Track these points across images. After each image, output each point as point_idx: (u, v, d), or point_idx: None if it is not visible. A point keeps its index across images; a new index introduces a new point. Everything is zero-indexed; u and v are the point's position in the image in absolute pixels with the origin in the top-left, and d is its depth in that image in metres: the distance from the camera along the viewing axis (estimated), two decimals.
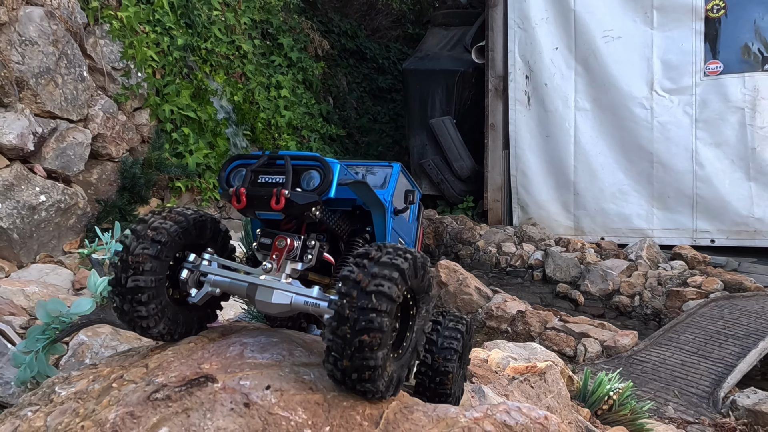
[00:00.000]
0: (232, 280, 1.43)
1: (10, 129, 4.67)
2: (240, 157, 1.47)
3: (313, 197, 1.37)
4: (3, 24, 4.72)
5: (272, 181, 1.39)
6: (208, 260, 1.47)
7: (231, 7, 6.74)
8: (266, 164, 1.41)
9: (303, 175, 1.41)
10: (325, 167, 1.39)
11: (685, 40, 7.22)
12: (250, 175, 1.41)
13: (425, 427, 1.06)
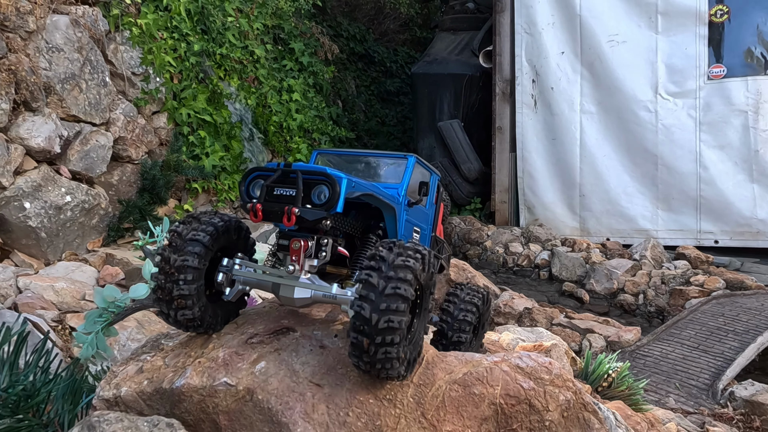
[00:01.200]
0: (259, 279, 1.61)
1: (39, 132, 4.98)
2: (257, 169, 1.58)
3: (321, 213, 1.48)
4: (31, 32, 5.05)
5: (286, 194, 1.50)
6: (239, 264, 1.63)
7: (244, 13, 7.06)
8: (281, 177, 1.52)
9: (314, 188, 1.50)
10: (332, 183, 1.48)
11: (689, 44, 7.49)
12: (265, 189, 1.52)
13: (456, 366, 1.36)
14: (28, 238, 4.99)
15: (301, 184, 1.48)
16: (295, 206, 1.45)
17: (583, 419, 1.42)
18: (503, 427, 1.33)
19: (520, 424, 1.34)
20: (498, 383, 1.32)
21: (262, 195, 1.52)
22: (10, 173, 4.83)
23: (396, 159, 1.90)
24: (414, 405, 1.30)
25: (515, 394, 1.34)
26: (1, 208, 4.82)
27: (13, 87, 4.81)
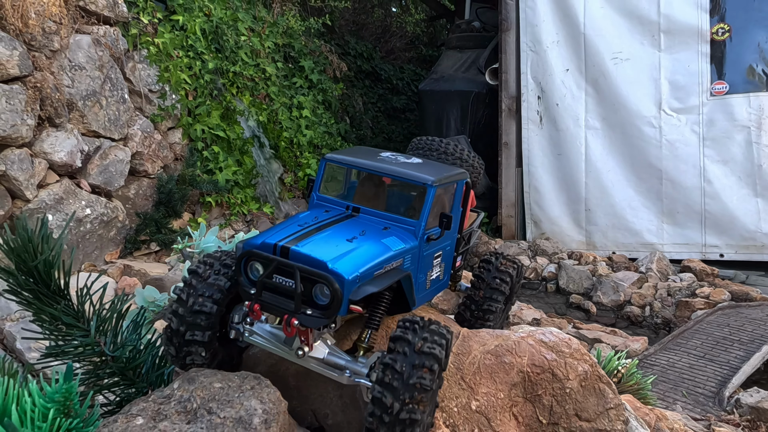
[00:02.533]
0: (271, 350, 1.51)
1: (61, 147, 5.25)
2: (251, 253, 1.46)
3: (323, 321, 1.39)
4: (56, 51, 5.34)
5: (284, 284, 1.40)
6: (248, 331, 1.53)
7: (256, 32, 7.37)
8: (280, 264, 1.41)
9: (315, 285, 1.41)
10: (332, 287, 1.37)
11: (691, 61, 7.78)
12: (261, 285, 1.42)
13: (489, 339, 1.58)
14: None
15: (299, 287, 1.38)
16: (294, 316, 1.38)
17: (598, 389, 1.64)
18: (530, 392, 1.56)
19: (544, 390, 1.57)
20: (525, 354, 1.56)
21: (258, 290, 1.43)
22: (34, 186, 5.08)
23: (415, 186, 1.72)
24: (454, 370, 1.53)
25: (540, 364, 1.57)
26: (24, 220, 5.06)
27: (38, 103, 5.08)
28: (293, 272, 1.39)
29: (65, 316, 1.31)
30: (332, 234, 1.57)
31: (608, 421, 1.64)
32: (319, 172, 1.80)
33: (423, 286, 1.73)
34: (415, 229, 1.65)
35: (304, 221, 1.62)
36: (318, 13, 8.48)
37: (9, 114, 4.84)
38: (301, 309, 1.39)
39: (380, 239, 1.59)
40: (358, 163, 1.80)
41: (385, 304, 1.59)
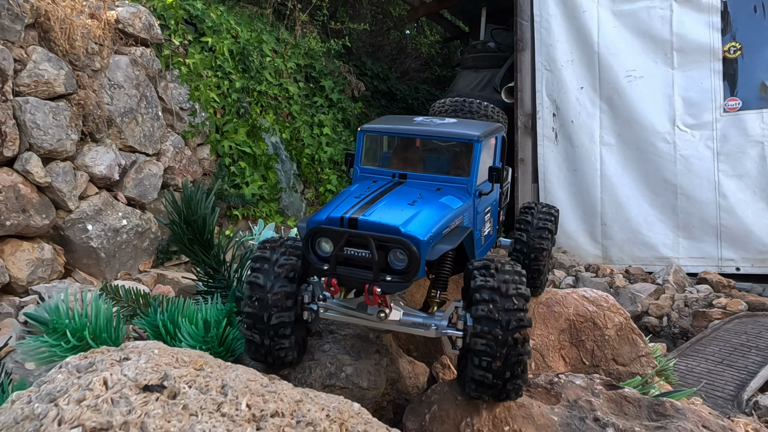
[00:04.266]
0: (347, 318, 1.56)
1: (101, 161, 5.69)
2: (318, 230, 1.48)
3: (404, 285, 1.44)
4: (97, 70, 5.80)
5: (358, 255, 1.43)
6: (323, 307, 1.58)
7: (279, 53, 7.86)
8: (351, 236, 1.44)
9: (390, 251, 1.44)
10: (409, 251, 1.41)
11: (704, 79, 8.21)
12: (334, 259, 1.45)
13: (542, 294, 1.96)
14: (89, 258, 5.63)
15: (376, 255, 1.41)
16: (375, 284, 1.41)
17: (632, 339, 2.02)
18: (575, 337, 1.94)
19: (587, 337, 1.94)
20: (571, 305, 1.94)
21: (332, 264, 1.45)
22: (75, 198, 5.51)
23: (459, 143, 1.74)
24: None
25: (583, 314, 1.95)
26: (67, 230, 5.48)
27: (81, 119, 5.53)
28: (367, 242, 1.41)
29: (212, 262, 1.69)
30: (392, 200, 1.59)
31: (640, 366, 2.01)
32: (359, 145, 1.82)
33: (479, 243, 1.79)
34: (467, 186, 1.70)
35: (359, 193, 1.64)
36: (337, 35, 9.00)
37: (55, 129, 5.29)
38: (380, 277, 1.42)
39: (438, 199, 1.63)
40: (398, 130, 1.82)
41: (449, 264, 1.65)
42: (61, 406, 0.97)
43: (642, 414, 1.44)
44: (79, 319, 1.35)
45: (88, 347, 1.29)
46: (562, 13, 8.65)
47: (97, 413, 0.95)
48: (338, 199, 1.61)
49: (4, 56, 4.95)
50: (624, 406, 1.47)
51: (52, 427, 0.93)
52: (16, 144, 5.04)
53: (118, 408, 0.96)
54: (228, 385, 1.07)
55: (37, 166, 5.18)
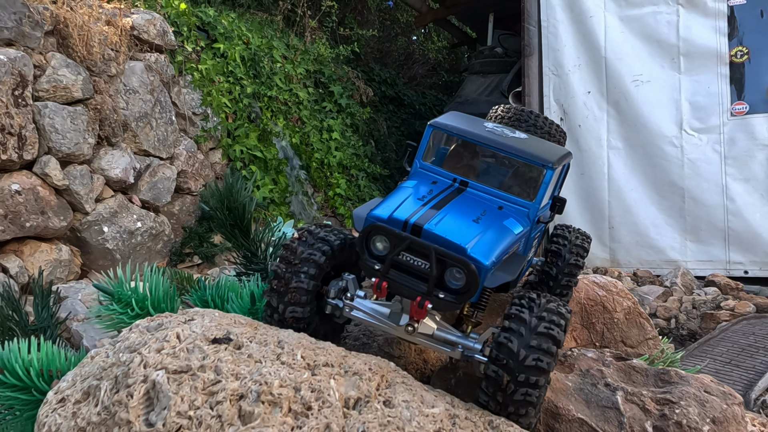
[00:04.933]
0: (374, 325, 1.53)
1: (117, 164, 5.87)
2: (379, 228, 1.44)
3: (454, 306, 1.41)
4: (113, 76, 6.00)
5: (414, 264, 1.40)
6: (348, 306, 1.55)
7: (289, 59, 8.06)
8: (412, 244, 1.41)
9: (448, 269, 1.40)
10: (470, 273, 1.37)
11: (711, 83, 8.37)
12: (390, 263, 1.41)
13: None
14: (105, 259, 5.80)
15: (435, 269, 1.37)
16: (428, 298, 1.38)
17: (639, 322, 2.17)
18: (585, 319, 2.10)
19: (597, 319, 2.10)
20: (582, 290, 2.09)
21: (386, 267, 1.42)
22: (92, 200, 5.69)
23: (530, 166, 1.67)
24: None
25: (593, 298, 2.10)
26: (84, 231, 5.66)
27: (97, 124, 5.72)
28: (429, 253, 1.37)
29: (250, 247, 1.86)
30: (457, 212, 1.54)
31: (647, 348, 2.17)
32: (425, 139, 1.77)
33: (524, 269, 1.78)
34: (529, 212, 1.64)
35: (421, 194, 1.60)
36: (346, 41, 9.20)
37: (73, 133, 5.47)
38: (434, 292, 1.39)
39: (501, 221, 1.59)
40: (471, 135, 1.73)
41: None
42: (143, 353, 1.13)
43: (649, 381, 1.59)
44: (141, 291, 1.53)
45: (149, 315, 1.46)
46: (569, 19, 8.85)
47: (176, 359, 1.11)
48: (398, 195, 1.56)
49: (25, 62, 5.14)
50: (632, 375, 1.62)
51: (139, 369, 1.10)
52: (35, 147, 5.23)
53: (193, 354, 1.13)
54: (283, 341, 1.23)
55: (55, 169, 5.36)
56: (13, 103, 5.03)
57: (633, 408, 1.47)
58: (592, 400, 1.50)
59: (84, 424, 1.09)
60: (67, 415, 1.12)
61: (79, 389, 1.15)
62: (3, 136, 4.94)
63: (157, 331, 1.22)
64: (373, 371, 1.20)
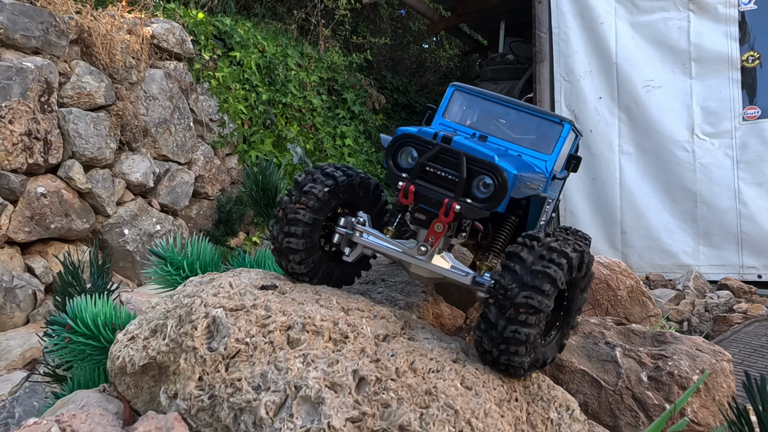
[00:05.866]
0: (385, 251, 1.57)
1: (137, 169, 6.13)
2: (409, 137, 1.47)
3: (482, 213, 1.42)
4: (134, 83, 6.27)
5: (443, 175, 1.42)
6: (360, 230, 1.59)
7: (303, 67, 8.32)
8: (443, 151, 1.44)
9: (476, 177, 1.42)
10: (500, 178, 1.40)
11: (723, 88, 8.54)
12: (419, 167, 1.43)
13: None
14: (125, 261, 6.04)
15: (464, 173, 1.40)
16: (456, 201, 1.40)
17: (641, 300, 2.36)
18: (591, 297, 2.29)
19: (602, 296, 2.29)
20: None
21: (414, 172, 1.44)
22: (113, 203, 5.94)
23: (548, 121, 1.75)
24: None
25: (598, 277, 2.30)
26: (105, 233, 5.91)
27: (119, 129, 5.99)
28: (459, 159, 1.40)
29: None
30: (480, 142, 1.58)
31: (650, 325, 2.35)
32: (445, 99, 1.85)
33: (534, 227, 1.80)
34: (546, 163, 1.70)
35: (446, 129, 1.64)
36: (359, 50, 9.47)
37: (96, 138, 5.74)
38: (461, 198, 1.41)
39: (522, 159, 1.66)
40: (491, 96, 1.82)
41: (509, 229, 1.69)
42: (203, 297, 1.35)
43: (646, 342, 1.78)
44: (190, 256, 1.74)
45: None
46: (580, 25, 9.06)
47: (231, 300, 1.32)
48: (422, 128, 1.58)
49: (51, 70, 5.41)
50: (631, 337, 1.81)
51: (200, 308, 1.31)
52: (60, 152, 5.49)
53: (245, 297, 1.34)
54: (319, 291, 1.44)
55: (78, 172, 5.62)
56: (39, 109, 5.30)
57: (630, 361, 1.66)
58: (593, 355, 1.69)
59: (154, 354, 1.30)
60: (138, 348, 1.33)
61: (147, 329, 1.37)
62: (30, 141, 5.20)
63: (210, 283, 1.43)
64: (397, 317, 1.40)
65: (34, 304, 5.25)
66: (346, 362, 1.18)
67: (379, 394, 1.13)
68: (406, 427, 1.07)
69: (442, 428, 1.07)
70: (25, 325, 5.16)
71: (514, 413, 1.19)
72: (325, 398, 1.10)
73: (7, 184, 5.05)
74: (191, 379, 1.21)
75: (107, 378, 1.46)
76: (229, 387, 1.17)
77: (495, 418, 1.14)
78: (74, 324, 1.49)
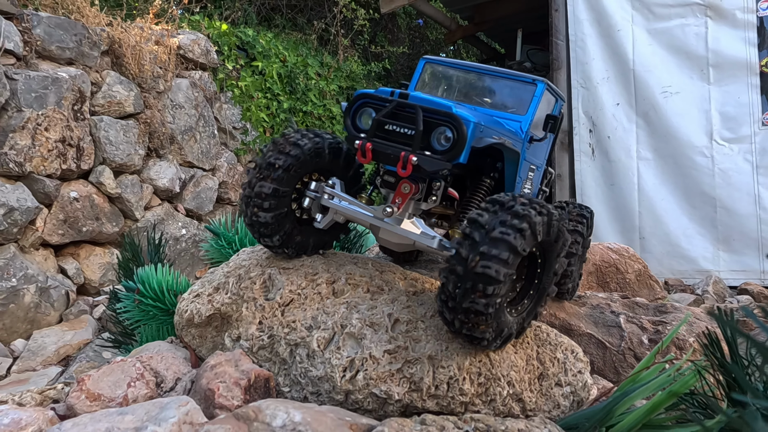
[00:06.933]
0: (354, 214, 1.56)
1: (164, 175, 6.43)
2: (367, 96, 1.47)
3: (442, 164, 1.39)
4: (161, 92, 6.60)
5: (400, 131, 1.40)
6: (329, 193, 1.58)
7: (323, 76, 8.63)
8: (395, 109, 1.43)
9: (434, 131, 1.40)
10: (458, 126, 1.37)
11: (741, 93, 8.71)
12: (375, 124, 1.42)
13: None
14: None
15: (421, 125, 1.38)
16: (412, 152, 1.38)
17: (649, 284, 2.58)
18: (600, 279, 2.51)
19: (611, 279, 2.51)
20: (597, 254, 2.51)
21: (371, 130, 1.42)
22: (141, 208, 6.24)
23: (522, 82, 1.73)
24: None
25: (607, 260, 2.52)
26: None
27: (147, 136, 6.30)
28: (415, 112, 1.39)
29: None
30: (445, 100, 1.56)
31: None
32: (417, 72, 1.86)
33: (517, 192, 1.74)
34: (521, 123, 1.67)
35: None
36: (377, 59, 9.77)
37: (125, 145, 6.06)
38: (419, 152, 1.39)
39: (491, 115, 1.66)
40: (461, 64, 1.81)
41: (484, 193, 1.66)
42: (258, 259, 1.60)
43: (649, 312, 2.00)
44: (240, 232, 1.99)
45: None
46: (597, 33, 9.30)
47: (282, 262, 1.58)
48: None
49: (83, 79, 5.75)
50: (635, 308, 2.04)
51: (257, 268, 1.57)
52: (91, 158, 5.81)
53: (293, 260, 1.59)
54: (357, 256, 1.70)
55: (109, 178, 5.94)
56: (72, 117, 5.63)
57: (632, 327, 1.88)
58: (599, 321, 1.92)
59: (218, 306, 1.55)
60: (203, 302, 1.58)
61: (209, 287, 1.62)
62: (64, 147, 5.53)
63: (262, 250, 1.69)
64: (425, 278, 1.64)
65: (66, 303, 5.55)
66: (382, 307, 1.42)
67: (410, 332, 1.37)
68: (434, 357, 1.30)
69: (464, 359, 1.31)
70: (59, 323, 5.45)
71: (526, 352, 1.42)
72: (366, 334, 1.34)
73: (43, 188, 5.37)
74: (252, 324, 1.46)
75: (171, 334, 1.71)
76: (285, 327, 1.42)
77: (509, 353, 1.37)
78: (143, 288, 1.74)
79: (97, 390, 1.26)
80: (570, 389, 1.38)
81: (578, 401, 1.37)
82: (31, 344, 5.07)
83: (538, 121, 1.73)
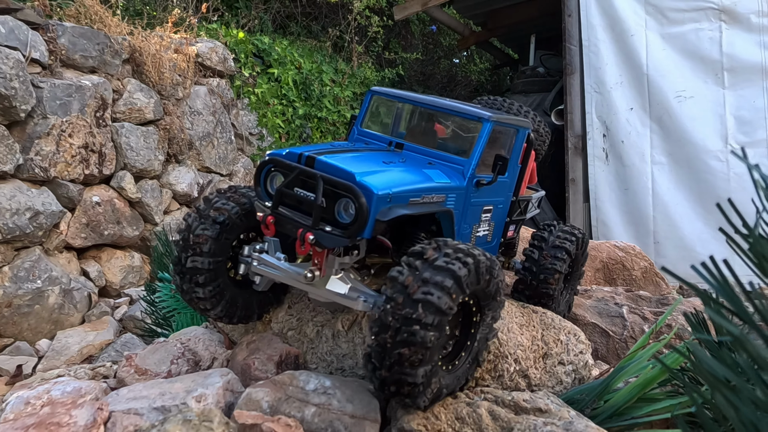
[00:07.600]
0: (282, 278, 1.49)
1: (183, 180, 6.64)
2: (275, 161, 1.40)
3: (342, 241, 1.32)
4: (180, 99, 6.82)
5: (306, 198, 1.34)
6: (256, 259, 1.51)
7: (337, 82, 8.83)
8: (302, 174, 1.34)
9: (339, 201, 1.33)
10: (358, 200, 1.29)
11: (756, 97, 8.80)
12: (278, 195, 1.36)
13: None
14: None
15: (320, 198, 1.32)
16: (310, 230, 1.32)
17: (655, 281, 2.72)
18: (608, 276, 2.65)
19: (618, 275, 2.65)
20: (604, 251, 2.66)
21: (275, 201, 1.37)
22: (161, 212, 6.45)
23: (468, 120, 1.61)
24: None
25: (614, 258, 2.66)
26: (153, 241, 6.40)
27: (166, 142, 6.51)
28: (316, 182, 1.31)
29: None
30: (367, 155, 1.51)
31: None
32: (364, 105, 1.77)
33: (466, 240, 1.65)
34: (464, 168, 1.56)
35: (339, 145, 1.59)
36: (391, 65, 9.96)
37: (146, 151, 6.27)
38: (320, 225, 1.33)
39: (422, 169, 1.53)
40: (407, 97, 1.73)
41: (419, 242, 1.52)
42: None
43: (651, 304, 2.15)
44: None
45: None
46: (610, 38, 9.43)
47: None
48: (316, 144, 1.53)
49: (105, 87, 5.97)
50: (638, 301, 2.18)
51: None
52: (113, 164, 6.03)
53: None
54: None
55: (129, 183, 6.15)
56: (95, 124, 5.85)
57: (635, 317, 2.03)
58: (604, 312, 2.07)
59: None
60: None
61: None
62: (86, 153, 5.75)
63: None
64: None
65: (89, 305, 5.75)
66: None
67: None
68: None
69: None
70: (81, 324, 5.66)
71: (531, 333, 1.57)
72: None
73: (67, 193, 5.58)
74: (281, 308, 1.62)
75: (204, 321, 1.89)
76: (312, 311, 1.59)
77: (516, 333, 1.52)
78: None
79: (144, 366, 1.42)
80: (572, 367, 1.53)
81: (579, 379, 1.52)
82: (55, 344, 5.28)
83: (488, 161, 1.62)
